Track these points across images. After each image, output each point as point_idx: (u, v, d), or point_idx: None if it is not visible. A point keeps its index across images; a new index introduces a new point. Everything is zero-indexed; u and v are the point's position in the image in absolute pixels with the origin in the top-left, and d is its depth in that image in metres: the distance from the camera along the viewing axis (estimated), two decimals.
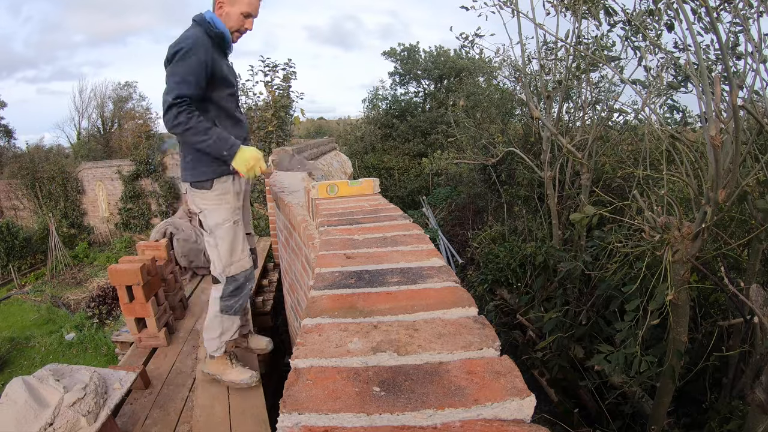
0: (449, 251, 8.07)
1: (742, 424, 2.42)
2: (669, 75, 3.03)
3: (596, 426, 3.36)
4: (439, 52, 14.54)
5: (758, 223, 2.50)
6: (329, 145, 6.97)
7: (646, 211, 2.36)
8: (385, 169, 13.32)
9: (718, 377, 3.13)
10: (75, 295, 9.54)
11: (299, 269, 2.14)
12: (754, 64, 2.19)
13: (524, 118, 7.17)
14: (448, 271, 0.95)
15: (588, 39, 4.05)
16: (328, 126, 22.34)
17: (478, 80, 12.89)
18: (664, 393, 2.62)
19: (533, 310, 4.62)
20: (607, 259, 3.45)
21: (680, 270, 2.32)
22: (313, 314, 0.77)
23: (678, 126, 3.39)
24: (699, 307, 3.34)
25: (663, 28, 2.94)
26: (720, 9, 2.44)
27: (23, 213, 13.34)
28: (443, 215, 9.71)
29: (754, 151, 2.59)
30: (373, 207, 1.70)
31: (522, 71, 4.46)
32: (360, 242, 1.21)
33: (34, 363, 6.92)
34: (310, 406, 0.52)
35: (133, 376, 1.74)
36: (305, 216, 1.98)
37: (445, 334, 0.68)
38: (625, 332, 2.52)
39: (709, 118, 1.94)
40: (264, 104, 6.51)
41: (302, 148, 5.08)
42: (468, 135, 7.81)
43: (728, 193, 2.05)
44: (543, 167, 4.60)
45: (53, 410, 1.37)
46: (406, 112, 14.41)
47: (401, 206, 2.37)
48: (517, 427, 0.50)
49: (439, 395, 0.54)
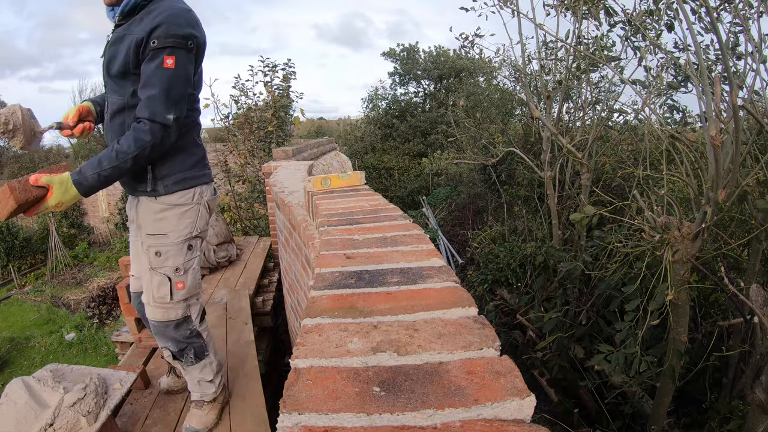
0: (449, 251, 8.07)
1: (742, 424, 2.42)
2: (669, 75, 3.03)
3: (596, 426, 3.36)
4: (439, 53, 14.55)
5: (758, 223, 2.50)
6: (329, 145, 6.97)
7: (646, 211, 2.36)
8: (385, 169, 13.32)
9: (718, 377, 3.13)
10: (75, 295, 9.54)
11: (299, 269, 2.14)
12: (754, 64, 2.19)
13: (524, 118, 7.18)
14: (448, 271, 0.95)
15: (588, 39, 4.06)
16: (328, 126, 22.33)
17: (478, 80, 12.89)
18: (664, 393, 2.62)
19: (533, 310, 4.62)
20: (607, 259, 3.45)
21: (680, 270, 2.32)
22: (313, 314, 0.77)
23: (678, 126, 3.39)
24: (699, 307, 3.34)
25: (663, 28, 2.94)
26: (720, 9, 2.44)
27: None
28: (443, 215, 9.71)
29: (754, 151, 2.59)
30: (373, 207, 1.70)
31: (522, 71, 4.47)
32: (360, 242, 1.21)
33: (34, 363, 6.92)
34: (310, 406, 0.52)
35: (133, 376, 1.74)
36: (305, 216, 1.98)
37: (445, 334, 0.69)
38: (625, 332, 2.52)
39: (709, 118, 1.95)
40: (264, 104, 6.52)
41: (302, 148, 5.08)
42: (468, 135, 7.82)
43: (728, 193, 2.05)
44: (543, 167, 4.60)
45: (53, 411, 1.37)
46: (406, 112, 14.41)
47: (401, 206, 2.38)
48: (517, 427, 0.50)
49: (439, 395, 0.54)
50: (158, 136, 1.29)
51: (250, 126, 6.28)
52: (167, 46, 1.27)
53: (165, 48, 1.27)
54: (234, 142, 6.46)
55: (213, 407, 1.74)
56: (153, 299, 1.47)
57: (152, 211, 1.43)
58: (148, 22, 1.27)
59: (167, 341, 1.54)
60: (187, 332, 1.54)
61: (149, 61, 1.28)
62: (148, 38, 1.26)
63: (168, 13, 1.29)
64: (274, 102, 6.42)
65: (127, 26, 1.32)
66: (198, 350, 1.59)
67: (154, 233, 1.44)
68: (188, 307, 1.54)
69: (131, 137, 1.28)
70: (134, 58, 1.29)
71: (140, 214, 1.46)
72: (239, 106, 6.50)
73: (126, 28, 1.32)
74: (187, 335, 1.54)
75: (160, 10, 1.29)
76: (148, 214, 1.44)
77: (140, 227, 1.47)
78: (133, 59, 1.29)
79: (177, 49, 1.29)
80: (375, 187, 5.88)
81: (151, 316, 1.50)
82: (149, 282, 1.46)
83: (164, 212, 1.43)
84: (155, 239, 1.44)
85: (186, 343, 1.55)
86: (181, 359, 1.57)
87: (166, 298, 1.46)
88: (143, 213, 1.45)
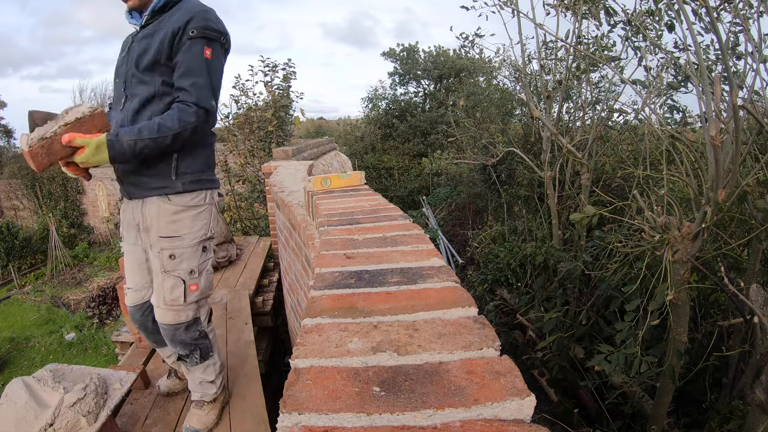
0: (449, 251, 8.07)
1: (742, 424, 2.42)
2: (669, 75, 3.04)
3: (596, 426, 3.36)
4: (439, 52, 14.54)
5: (758, 223, 2.50)
6: (329, 145, 6.97)
7: (646, 211, 2.36)
8: (385, 169, 13.31)
9: (718, 377, 3.13)
10: (75, 295, 9.53)
11: (299, 269, 2.14)
12: (754, 64, 2.19)
13: (524, 118, 7.18)
14: (448, 271, 0.95)
15: (588, 39, 4.06)
16: (328, 126, 22.31)
17: (478, 80, 12.89)
18: (664, 393, 2.62)
19: (533, 310, 4.62)
20: (607, 259, 3.45)
21: (680, 270, 2.32)
22: (313, 314, 0.77)
23: (678, 126, 3.39)
24: (699, 307, 3.34)
25: (663, 29, 2.94)
26: (720, 9, 2.44)
27: (23, 213, 13.34)
28: (443, 215, 9.71)
29: (754, 151, 2.59)
30: (373, 207, 1.70)
31: (522, 71, 4.47)
32: (360, 242, 1.21)
33: (34, 363, 6.92)
34: (310, 406, 0.52)
35: (134, 376, 1.74)
36: (305, 216, 1.98)
37: (445, 334, 0.69)
38: (626, 332, 2.52)
39: (709, 118, 1.95)
40: (264, 104, 6.52)
41: (302, 148, 5.08)
42: (468, 135, 7.81)
43: (728, 193, 2.05)
44: (543, 167, 4.60)
45: (53, 411, 1.37)
46: (406, 112, 14.41)
47: (401, 206, 2.38)
48: (517, 427, 0.50)
49: (439, 395, 0.54)
50: (202, 119, 1.30)
51: (250, 126, 6.28)
52: (205, 37, 1.29)
53: (203, 38, 1.29)
54: (234, 141, 6.46)
55: (213, 407, 1.74)
56: (164, 302, 1.44)
57: (166, 212, 1.40)
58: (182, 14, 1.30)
59: (176, 345, 1.52)
60: (196, 334, 1.53)
61: (188, 50, 1.28)
62: (185, 27, 1.28)
63: (201, 8, 1.32)
64: (274, 102, 6.42)
65: (157, 23, 1.34)
66: (204, 351, 1.58)
67: (168, 235, 1.40)
68: (198, 309, 1.53)
69: (175, 116, 1.27)
70: (168, 49, 1.30)
71: (149, 216, 1.41)
72: (239, 105, 6.51)
73: (156, 24, 1.34)
74: (196, 336, 1.53)
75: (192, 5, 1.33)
76: (161, 215, 1.40)
77: (148, 230, 1.43)
78: (167, 50, 1.30)
79: (213, 42, 1.32)
80: (375, 187, 5.88)
81: (162, 319, 1.48)
82: (161, 285, 1.44)
83: (179, 214, 1.41)
84: (170, 242, 1.40)
85: (194, 345, 1.54)
86: (186, 360, 1.57)
87: (179, 300, 1.44)
88: (154, 215, 1.40)
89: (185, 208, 1.42)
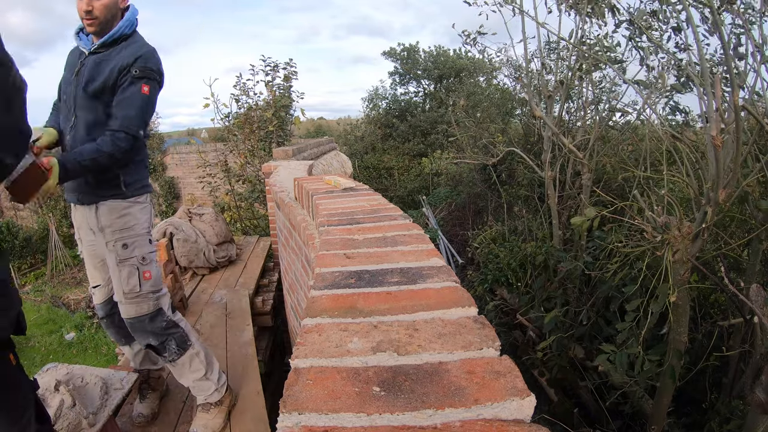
0: (449, 251, 8.07)
1: (742, 424, 2.42)
2: (671, 76, 3.03)
3: (596, 426, 3.36)
4: (439, 52, 14.53)
5: (758, 223, 2.50)
6: (329, 145, 6.96)
7: (647, 211, 2.36)
8: (385, 169, 13.30)
9: (718, 377, 3.13)
10: (75, 295, 9.53)
11: (299, 269, 2.14)
12: (755, 65, 2.19)
13: (525, 117, 7.18)
14: (448, 271, 0.95)
15: (591, 39, 4.05)
16: (328, 126, 22.31)
17: (478, 80, 12.88)
18: (664, 393, 2.62)
19: (533, 310, 4.62)
20: (607, 259, 3.45)
21: (680, 270, 2.32)
22: (313, 314, 0.77)
23: (679, 126, 3.39)
24: (699, 307, 3.34)
25: (669, 30, 2.94)
26: (722, 10, 2.44)
27: (23, 213, 13.34)
28: (443, 215, 9.70)
29: (754, 151, 2.59)
30: (373, 207, 1.70)
31: (524, 70, 4.47)
32: (360, 242, 1.21)
33: (34, 363, 6.91)
34: (310, 406, 0.52)
35: (134, 376, 1.74)
36: (305, 216, 1.98)
37: (445, 334, 0.68)
38: (626, 332, 2.52)
39: (710, 118, 1.95)
40: (264, 104, 6.51)
41: (302, 148, 5.08)
42: (468, 135, 7.81)
43: (729, 193, 2.05)
44: (543, 167, 4.59)
45: (54, 411, 1.38)
46: (406, 111, 14.40)
47: (401, 206, 2.37)
48: (517, 427, 0.50)
49: (439, 395, 0.54)
50: (130, 145, 1.49)
51: (251, 126, 6.27)
52: (146, 77, 1.51)
53: (144, 78, 1.50)
54: (234, 141, 6.46)
55: (220, 411, 1.75)
56: (124, 295, 1.57)
57: (118, 209, 1.58)
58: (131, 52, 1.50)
59: (147, 336, 1.62)
60: (163, 323, 1.63)
61: (129, 86, 1.49)
62: (132, 64, 1.48)
63: (148, 49, 1.54)
64: (274, 102, 6.41)
65: (107, 53, 1.52)
66: (179, 340, 1.66)
67: (121, 228, 1.58)
68: (158, 299, 1.64)
69: (109, 140, 1.45)
70: (114, 81, 1.49)
71: (103, 216, 1.57)
72: (240, 105, 6.50)
73: (107, 54, 1.52)
74: (164, 326, 1.64)
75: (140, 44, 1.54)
76: (113, 212, 1.57)
77: (103, 229, 1.58)
78: (113, 81, 1.49)
79: (152, 81, 1.53)
80: (375, 187, 5.88)
81: (126, 314, 1.60)
82: (118, 277, 1.57)
83: (128, 208, 1.60)
84: (122, 233, 1.58)
85: (165, 335, 1.63)
86: (164, 353, 1.64)
87: (136, 288, 1.57)
88: (108, 214, 1.57)
89: (134, 203, 1.62)
